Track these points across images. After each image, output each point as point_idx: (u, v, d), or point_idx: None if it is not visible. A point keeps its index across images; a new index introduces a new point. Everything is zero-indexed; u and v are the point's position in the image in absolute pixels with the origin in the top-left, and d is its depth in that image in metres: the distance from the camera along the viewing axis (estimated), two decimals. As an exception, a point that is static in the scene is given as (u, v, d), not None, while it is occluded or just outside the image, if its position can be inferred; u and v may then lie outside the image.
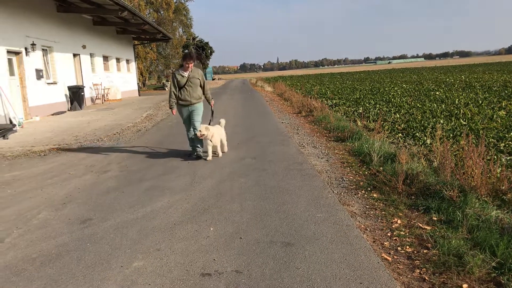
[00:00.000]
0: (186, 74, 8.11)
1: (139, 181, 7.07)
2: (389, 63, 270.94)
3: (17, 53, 16.43)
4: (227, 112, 17.73)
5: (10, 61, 15.98)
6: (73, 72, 21.89)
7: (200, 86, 8.32)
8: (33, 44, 16.99)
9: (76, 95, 20.43)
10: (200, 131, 7.92)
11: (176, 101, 8.24)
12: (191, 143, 8.58)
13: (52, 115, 18.77)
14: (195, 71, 8.20)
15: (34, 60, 17.48)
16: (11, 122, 14.88)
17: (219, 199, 5.95)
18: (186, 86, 8.11)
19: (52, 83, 19.31)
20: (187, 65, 8.02)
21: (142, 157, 9.14)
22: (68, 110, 20.57)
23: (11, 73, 16.06)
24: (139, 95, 34.86)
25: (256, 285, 3.57)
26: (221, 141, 8.54)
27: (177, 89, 8.15)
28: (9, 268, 4.13)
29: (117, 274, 3.90)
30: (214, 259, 4.10)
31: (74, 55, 22.11)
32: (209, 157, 8.27)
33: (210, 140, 8.08)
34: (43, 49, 18.58)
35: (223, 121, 8.96)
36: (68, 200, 6.26)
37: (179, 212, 5.49)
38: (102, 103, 25.04)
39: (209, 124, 8.40)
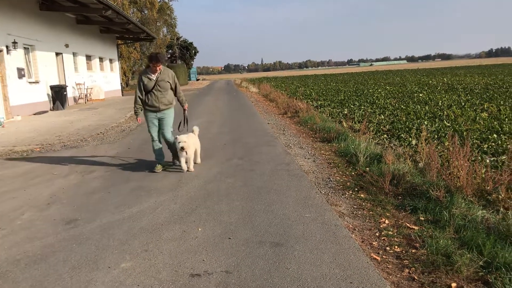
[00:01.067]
0: (154, 76, 7.15)
1: (125, 182, 6.98)
2: (371, 65, 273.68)
3: (-2, 51, 16.13)
4: (213, 113, 17.68)
5: (-10, 60, 15.66)
6: (56, 71, 21.56)
7: (171, 89, 7.43)
8: (14, 42, 16.70)
9: (58, 94, 20.14)
10: (183, 142, 6.99)
11: (141, 107, 7.32)
12: (157, 155, 7.65)
13: (34, 114, 18.46)
14: (164, 73, 7.24)
15: (16, 58, 17.17)
16: (-9, 121, 14.58)
17: (207, 199, 5.91)
18: (153, 90, 7.16)
19: (34, 82, 19.00)
20: (154, 68, 7.09)
21: (127, 157, 9.04)
22: (51, 110, 20.25)
23: (-8, 71, 15.75)
24: (122, 95, 34.52)
25: (246, 285, 3.55)
26: (195, 151, 7.66)
27: (143, 93, 7.22)
28: (-7, 270, 4.03)
29: (105, 275, 3.84)
30: (203, 260, 4.06)
31: (57, 54, 21.80)
32: (186, 168, 7.30)
33: (186, 151, 7.14)
34: (25, 47, 18.27)
35: (196, 128, 7.85)
36: (52, 201, 6.15)
37: (166, 213, 5.44)
38: (85, 102, 24.74)
39: (179, 129, 7.65)
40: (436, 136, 9.11)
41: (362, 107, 16.26)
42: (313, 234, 4.54)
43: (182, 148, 6.98)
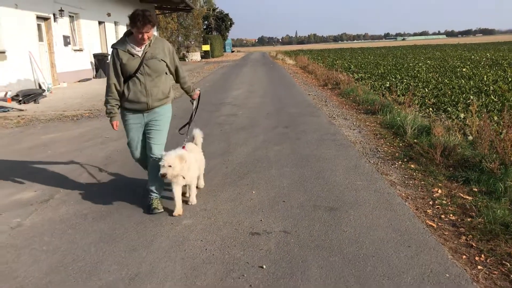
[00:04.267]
0: (139, 50, 4.23)
1: (175, 145, 7.18)
2: (403, 39, 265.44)
3: (45, 19, 16.56)
4: (252, 83, 17.74)
5: (39, 27, 16.14)
6: (98, 40, 22.01)
7: (170, 72, 4.52)
8: (61, 10, 17.09)
9: (101, 62, 20.58)
10: (168, 166, 4.15)
11: (118, 102, 4.36)
12: (151, 182, 4.60)
13: (78, 81, 18.98)
14: (157, 46, 4.32)
15: (62, 26, 17.61)
16: (40, 87, 15.12)
17: (257, 165, 6.05)
18: (138, 75, 4.21)
19: (78, 50, 19.48)
20: (140, 35, 4.09)
21: (175, 121, 9.24)
22: (93, 78, 20.75)
23: (40, 38, 16.23)
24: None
25: (306, 245, 3.68)
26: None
27: (121, 79, 4.24)
28: (64, 222, 4.31)
29: (169, 230, 4.05)
30: (261, 220, 4.22)
31: (99, 22, 22.19)
32: (178, 209, 4.39)
33: (183, 177, 4.36)
34: (70, 15, 18.68)
35: (199, 134, 5.12)
36: (108, 162, 6.43)
37: (219, 176, 5.62)
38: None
39: (180, 132, 4.96)
40: (485, 110, 8.91)
41: (405, 80, 15.97)
42: (367, 201, 4.61)
43: (170, 174, 4.19)
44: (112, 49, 4.31)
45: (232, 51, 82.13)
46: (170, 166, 4.12)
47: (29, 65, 14.96)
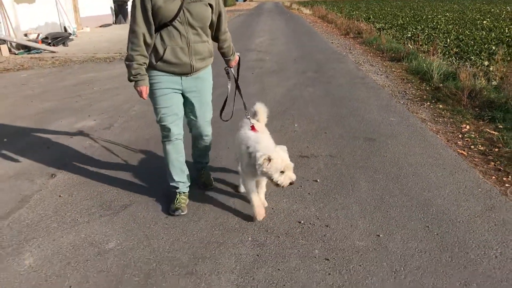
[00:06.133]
0: None
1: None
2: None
3: (69, -38, 16.59)
4: (273, 31, 17.84)
5: (62, -30, 16.19)
6: (117, -15, 21.92)
7: (212, 21, 3.16)
8: (83, -47, 17.06)
9: (121, 8, 20.67)
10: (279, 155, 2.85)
11: (147, 61, 3.02)
12: (177, 174, 3.41)
13: (100, 27, 19.18)
14: None
15: (84, -30, 17.63)
16: (65, 30, 15.41)
17: (294, 103, 6.47)
18: (175, 23, 2.95)
19: (99, -5, 19.55)
20: None
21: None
22: (113, 23, 20.90)
23: (64, -18, 16.33)
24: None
25: (351, 166, 4.17)
26: None
27: (152, 27, 2.93)
28: (130, 145, 4.82)
29: (221, 151, 4.54)
30: (307, 146, 4.70)
31: (119, -34, 22.03)
32: (260, 212, 3.16)
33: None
34: (91, -42, 18.62)
35: (263, 109, 3.69)
36: (154, 98, 6.87)
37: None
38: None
39: (221, 117, 3.62)
40: (508, 59, 9.17)
41: (426, 30, 16.04)
42: (401, 133, 5.06)
43: (291, 184, 2.91)
44: None
45: (245, 0, 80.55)
46: (291, 167, 2.90)
47: (55, 8, 15.18)
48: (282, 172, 2.82)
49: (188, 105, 3.29)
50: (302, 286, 2.49)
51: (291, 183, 2.87)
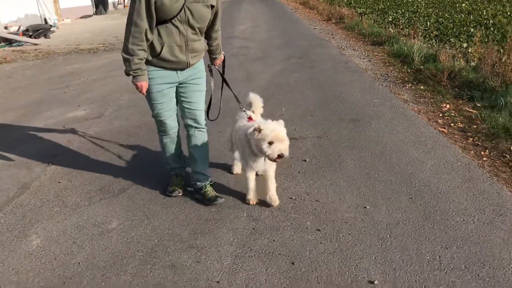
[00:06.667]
0: None
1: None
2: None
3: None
4: (255, 18, 17.90)
5: (41, -39, 15.96)
6: (97, -25, 21.68)
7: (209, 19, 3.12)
8: None
9: (101, -2, 20.49)
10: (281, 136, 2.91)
11: (145, 57, 2.97)
12: (173, 160, 3.51)
13: (81, 18, 19.00)
14: None
15: (63, -40, 17.41)
16: (46, 22, 15.27)
17: (280, 89, 6.63)
18: (174, 21, 2.90)
19: (78, -15, 19.33)
20: None
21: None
22: (94, 14, 20.70)
23: (43, -27, 16.12)
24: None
25: (338, 145, 4.36)
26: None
27: (153, 22, 2.87)
28: (122, 132, 4.94)
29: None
30: (295, 129, 4.87)
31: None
32: (252, 199, 3.29)
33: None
34: (69, -52, 18.38)
35: (258, 99, 3.89)
36: (142, 87, 6.95)
37: (247, 98, 6.19)
38: (124, 8, 25.00)
39: (208, 117, 3.55)
40: (486, 40, 9.44)
41: (407, 14, 16.29)
42: (384, 114, 5.27)
43: (280, 157, 2.86)
44: None
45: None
46: (283, 140, 2.88)
47: (35, 0, 15.01)
48: (271, 143, 2.81)
49: (183, 93, 3.21)
50: (296, 254, 2.68)
51: (280, 156, 2.80)
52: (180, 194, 3.43)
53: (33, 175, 3.87)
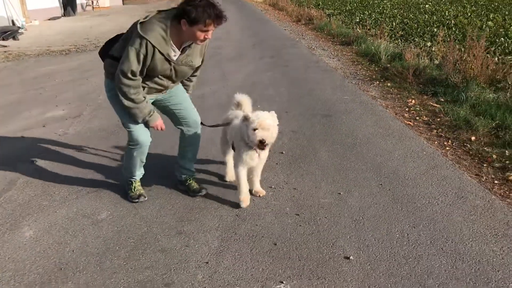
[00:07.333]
0: (176, 54, 3.02)
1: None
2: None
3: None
4: (228, 20, 18.05)
5: (7, -39, 15.71)
6: (65, -24, 21.41)
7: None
8: None
9: (69, 0, 20.24)
10: (267, 127, 3.02)
11: (145, 97, 3.06)
12: (135, 171, 3.45)
13: (49, 19, 18.76)
14: (196, 47, 3.13)
15: (29, -40, 17.16)
16: (13, 24, 15.04)
17: (255, 87, 6.85)
18: (162, 76, 3.08)
19: (46, -13, 19.07)
20: (203, 35, 2.93)
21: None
22: (62, 16, 20.46)
23: (9, -26, 15.86)
24: (123, 3, 34.07)
25: (312, 139, 4.61)
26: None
27: (143, 72, 2.93)
28: (103, 130, 5.06)
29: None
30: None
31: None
32: (245, 200, 3.27)
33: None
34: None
35: (246, 99, 3.76)
36: (118, 87, 7.05)
37: (223, 96, 6.39)
38: (93, 9, 24.77)
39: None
40: (448, 39, 9.92)
41: (373, 15, 16.80)
42: (354, 109, 5.56)
43: (262, 143, 2.98)
44: (143, 40, 2.77)
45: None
46: (269, 128, 2.98)
47: (1, 1, 14.78)
48: (255, 129, 2.89)
49: (166, 100, 3.28)
50: (278, 236, 2.90)
51: (261, 142, 2.88)
52: (146, 198, 3.40)
53: (19, 172, 3.95)
